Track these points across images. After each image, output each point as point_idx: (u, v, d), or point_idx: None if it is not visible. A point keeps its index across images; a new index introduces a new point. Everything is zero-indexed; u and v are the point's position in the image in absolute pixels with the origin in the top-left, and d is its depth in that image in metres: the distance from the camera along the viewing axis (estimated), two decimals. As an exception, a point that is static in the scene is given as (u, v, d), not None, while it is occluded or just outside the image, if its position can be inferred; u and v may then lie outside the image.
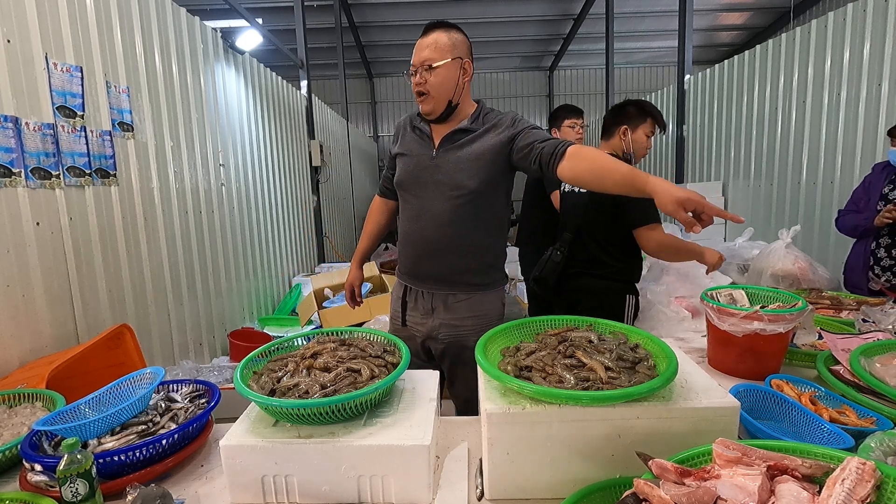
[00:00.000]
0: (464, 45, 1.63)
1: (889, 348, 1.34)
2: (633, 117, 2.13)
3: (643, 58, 12.84)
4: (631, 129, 2.12)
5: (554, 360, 1.07)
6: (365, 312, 3.02)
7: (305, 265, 6.04)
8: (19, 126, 1.95)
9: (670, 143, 6.65)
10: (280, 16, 8.59)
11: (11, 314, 1.88)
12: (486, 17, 10.08)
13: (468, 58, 1.63)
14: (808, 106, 4.10)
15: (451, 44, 1.59)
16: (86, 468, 0.92)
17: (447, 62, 1.57)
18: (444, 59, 1.57)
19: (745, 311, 1.40)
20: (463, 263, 1.65)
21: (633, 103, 2.17)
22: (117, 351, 1.99)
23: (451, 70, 1.59)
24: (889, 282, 2.33)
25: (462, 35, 1.64)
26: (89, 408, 1.20)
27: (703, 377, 1.06)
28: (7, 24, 1.93)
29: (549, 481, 0.96)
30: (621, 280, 2.17)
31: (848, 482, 0.66)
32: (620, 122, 2.14)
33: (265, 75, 4.95)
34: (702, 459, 0.80)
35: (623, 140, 2.13)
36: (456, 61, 1.59)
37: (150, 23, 2.90)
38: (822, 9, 9.31)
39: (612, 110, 2.21)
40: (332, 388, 1.05)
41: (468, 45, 1.65)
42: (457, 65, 1.59)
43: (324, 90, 10.87)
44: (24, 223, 1.97)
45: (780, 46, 4.43)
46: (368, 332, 1.32)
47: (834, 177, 3.87)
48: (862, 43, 3.58)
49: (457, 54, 1.60)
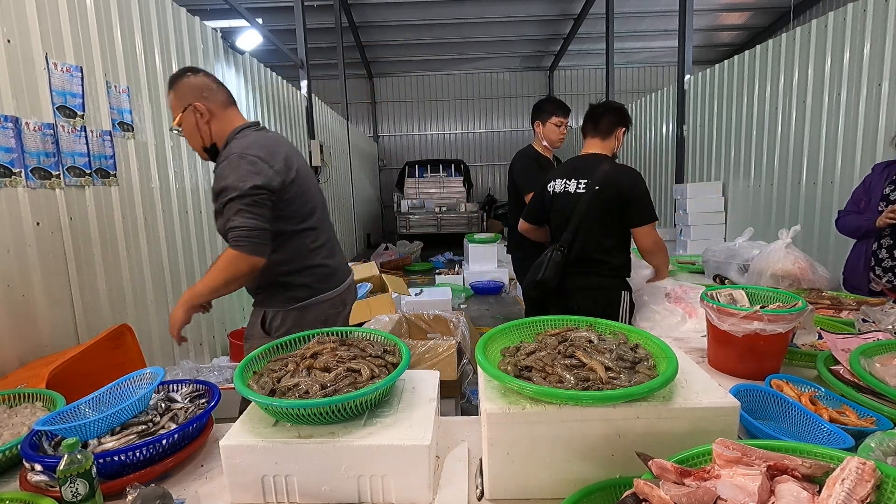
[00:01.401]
0: (190, 89, 1.64)
1: (889, 348, 1.34)
2: (625, 120, 2.30)
3: (643, 58, 12.85)
4: (625, 131, 2.31)
5: (554, 360, 1.07)
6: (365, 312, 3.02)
7: (305, 265, 6.03)
8: (19, 126, 1.95)
9: (670, 143, 6.65)
10: (280, 16, 8.60)
11: (11, 314, 1.89)
12: (486, 17, 10.09)
13: (198, 99, 1.64)
14: (808, 106, 4.10)
15: (176, 98, 1.65)
16: (86, 468, 0.92)
17: (182, 116, 1.65)
18: (178, 115, 1.65)
19: (745, 311, 1.40)
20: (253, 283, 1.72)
21: (617, 105, 2.33)
22: (117, 351, 1.99)
23: (189, 120, 1.65)
24: (890, 282, 2.33)
25: (187, 79, 1.66)
26: (89, 408, 1.20)
27: (703, 377, 1.06)
28: (7, 24, 1.93)
29: (549, 481, 0.96)
30: (618, 277, 2.22)
31: (848, 482, 0.66)
32: (621, 123, 2.25)
33: (265, 75, 4.95)
34: (702, 459, 0.80)
35: (619, 140, 2.28)
36: (188, 111, 1.64)
37: (150, 23, 2.90)
38: (822, 9, 9.31)
39: (616, 111, 2.27)
40: (332, 388, 1.05)
41: (197, 83, 1.66)
42: (190, 113, 1.64)
43: (324, 90, 10.87)
44: (24, 223, 1.97)
45: (780, 46, 4.43)
46: (368, 332, 1.32)
47: (834, 177, 3.86)
48: (862, 43, 3.58)
49: (186, 102, 1.64)
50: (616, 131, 2.25)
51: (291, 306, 1.71)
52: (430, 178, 11.48)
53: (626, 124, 2.27)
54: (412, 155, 13.52)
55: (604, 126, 2.25)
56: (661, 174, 6.97)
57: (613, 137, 2.25)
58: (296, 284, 1.71)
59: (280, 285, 1.71)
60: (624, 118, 2.27)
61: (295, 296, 1.71)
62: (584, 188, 2.17)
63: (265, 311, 1.73)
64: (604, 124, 2.24)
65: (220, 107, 1.68)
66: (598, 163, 2.20)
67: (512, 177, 3.03)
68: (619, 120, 2.25)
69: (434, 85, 13.61)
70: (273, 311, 1.72)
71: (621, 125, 2.25)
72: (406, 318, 2.82)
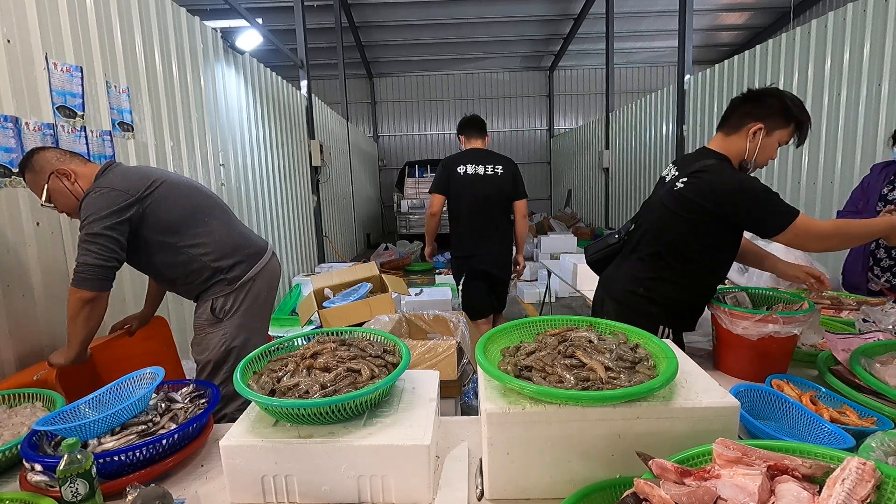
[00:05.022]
0: (45, 162, 1.67)
1: (889, 348, 1.34)
2: (774, 115, 1.53)
3: (643, 58, 12.85)
4: (766, 131, 1.54)
5: (554, 360, 1.07)
6: (365, 312, 3.02)
7: (305, 265, 6.04)
8: (19, 126, 1.95)
9: (670, 143, 6.65)
10: (280, 16, 8.60)
11: (11, 314, 1.88)
12: (486, 17, 10.09)
13: (56, 165, 1.67)
14: (808, 106, 4.10)
15: (34, 175, 1.67)
16: (86, 468, 0.92)
17: (48, 188, 1.66)
18: (43, 191, 1.66)
19: (760, 313, 1.39)
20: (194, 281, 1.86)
21: (776, 96, 1.54)
22: (151, 341, 2.11)
23: (57, 187, 1.67)
24: (889, 282, 2.33)
25: (38, 155, 1.68)
26: (89, 408, 1.20)
27: (703, 377, 1.06)
28: (7, 24, 1.93)
29: (549, 481, 0.96)
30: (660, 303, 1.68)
31: (848, 482, 0.66)
32: (757, 115, 1.54)
33: (265, 75, 4.95)
34: (702, 459, 0.80)
35: (751, 141, 1.55)
36: (52, 179, 1.66)
37: (150, 23, 2.89)
38: (822, 9, 9.31)
39: (751, 98, 1.58)
40: (332, 388, 1.05)
41: (49, 156, 1.69)
42: (55, 181, 1.66)
43: (324, 90, 10.88)
44: (24, 223, 1.97)
45: (780, 46, 4.43)
46: (368, 332, 1.32)
47: (834, 177, 3.86)
48: (862, 43, 3.58)
49: (47, 174, 1.66)
50: (748, 126, 1.55)
51: (234, 286, 1.86)
52: (430, 178, 11.44)
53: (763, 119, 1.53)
54: (412, 155, 13.51)
55: (735, 116, 1.59)
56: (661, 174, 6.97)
57: (744, 134, 1.56)
58: (229, 266, 1.85)
59: (215, 271, 1.83)
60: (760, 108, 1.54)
61: (234, 276, 1.86)
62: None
63: (211, 299, 1.85)
64: (735, 114, 1.60)
65: (80, 165, 1.72)
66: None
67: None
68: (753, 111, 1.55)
69: (434, 85, 13.60)
70: (219, 296, 1.85)
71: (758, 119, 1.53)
72: (406, 318, 2.82)
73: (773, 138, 1.55)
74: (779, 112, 1.53)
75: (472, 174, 3.06)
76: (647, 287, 1.69)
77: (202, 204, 1.86)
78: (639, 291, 1.70)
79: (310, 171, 6.33)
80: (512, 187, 3.10)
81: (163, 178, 1.77)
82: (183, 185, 1.85)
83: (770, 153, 1.58)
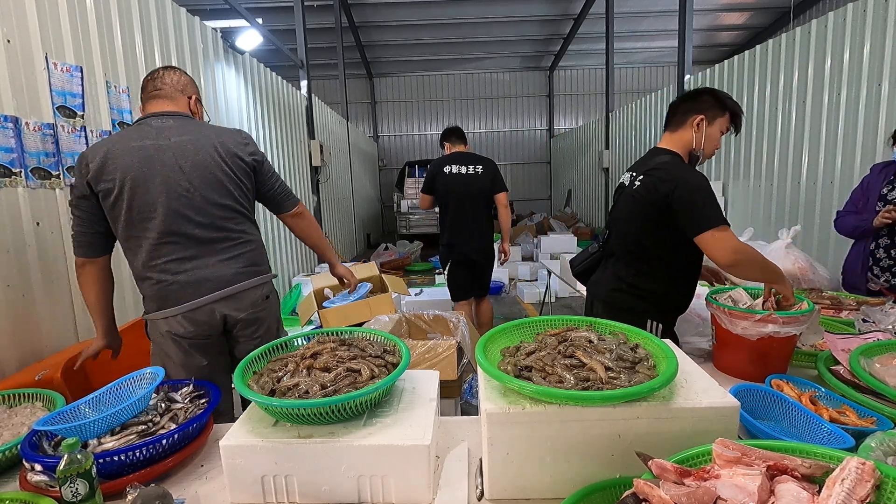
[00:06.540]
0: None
1: (889, 348, 1.34)
2: (711, 108, 1.73)
3: (643, 58, 12.85)
4: (707, 121, 1.71)
5: (554, 360, 1.07)
6: (365, 312, 3.02)
7: (305, 265, 6.04)
8: (19, 126, 1.95)
9: (670, 143, 6.64)
10: (280, 16, 8.60)
11: (11, 314, 1.88)
12: (486, 17, 10.09)
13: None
14: (808, 106, 4.10)
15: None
16: (86, 468, 0.92)
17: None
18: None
19: (760, 313, 1.39)
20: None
21: (709, 92, 1.76)
22: (146, 340, 2.03)
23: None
24: (888, 282, 2.33)
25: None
26: (89, 408, 1.20)
27: (703, 377, 1.06)
28: (7, 24, 1.93)
29: (549, 481, 0.96)
30: (647, 300, 1.77)
31: (847, 482, 0.66)
32: (697, 110, 1.73)
33: (265, 75, 4.95)
34: (702, 459, 0.80)
35: (696, 132, 1.72)
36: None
37: (150, 23, 2.90)
38: (822, 9, 9.31)
39: (688, 98, 1.78)
40: (332, 388, 1.05)
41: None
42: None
43: (324, 90, 10.88)
44: (24, 223, 1.97)
45: (780, 46, 4.43)
46: (368, 332, 1.32)
47: (834, 177, 3.86)
48: (862, 43, 3.58)
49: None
50: (691, 120, 1.73)
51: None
52: (429, 178, 11.46)
53: (702, 112, 1.71)
54: (412, 155, 13.50)
55: (676, 113, 1.78)
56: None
57: (689, 127, 1.73)
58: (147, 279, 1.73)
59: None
60: (696, 104, 1.74)
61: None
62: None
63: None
64: (676, 111, 1.78)
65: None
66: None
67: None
68: (692, 106, 1.74)
69: (434, 85, 13.60)
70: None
71: (697, 112, 1.72)
72: (406, 318, 2.82)
73: (714, 127, 1.73)
74: (714, 104, 1.72)
75: (457, 173, 3.52)
76: (629, 283, 1.79)
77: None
78: (623, 288, 1.81)
79: (310, 171, 6.33)
80: (491, 184, 3.54)
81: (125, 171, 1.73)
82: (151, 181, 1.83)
83: (714, 142, 1.76)
